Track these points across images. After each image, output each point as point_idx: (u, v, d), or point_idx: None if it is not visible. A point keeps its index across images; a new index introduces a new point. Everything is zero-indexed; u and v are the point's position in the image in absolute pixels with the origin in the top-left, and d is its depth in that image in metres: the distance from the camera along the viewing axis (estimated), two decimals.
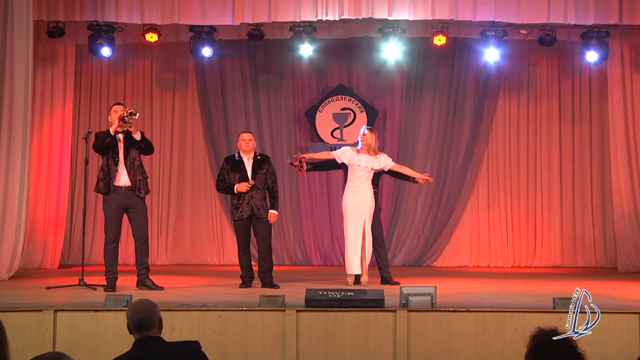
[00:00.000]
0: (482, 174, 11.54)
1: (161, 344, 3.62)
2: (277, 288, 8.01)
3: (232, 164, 8.34)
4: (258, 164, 8.31)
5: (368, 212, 8.38)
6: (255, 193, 8.21)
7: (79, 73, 11.13)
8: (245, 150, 8.33)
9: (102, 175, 7.77)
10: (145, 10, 9.23)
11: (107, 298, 6.33)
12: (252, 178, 8.23)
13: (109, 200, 7.77)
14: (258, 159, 8.36)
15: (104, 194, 7.81)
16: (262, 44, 10.78)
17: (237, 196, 8.23)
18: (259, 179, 8.25)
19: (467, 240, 11.51)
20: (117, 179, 7.73)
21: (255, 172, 8.27)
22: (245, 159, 8.32)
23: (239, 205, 8.22)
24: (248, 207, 8.18)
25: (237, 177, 8.25)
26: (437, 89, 11.55)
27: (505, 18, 9.43)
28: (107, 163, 7.76)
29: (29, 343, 5.85)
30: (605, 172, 11.21)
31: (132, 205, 7.78)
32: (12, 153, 9.02)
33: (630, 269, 10.40)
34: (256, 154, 8.39)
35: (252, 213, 8.19)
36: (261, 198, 8.24)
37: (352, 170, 8.41)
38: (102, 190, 7.78)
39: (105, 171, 7.76)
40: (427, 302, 6.17)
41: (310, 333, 6.06)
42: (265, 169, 8.30)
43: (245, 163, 8.30)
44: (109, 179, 7.72)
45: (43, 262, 10.43)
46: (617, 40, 10.49)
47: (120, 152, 7.75)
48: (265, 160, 8.40)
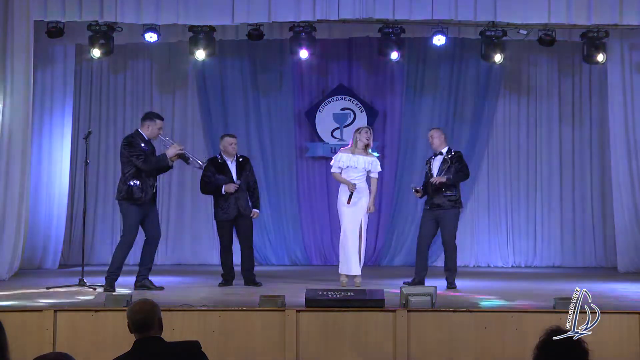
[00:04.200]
0: (482, 173, 11.54)
1: (161, 344, 3.63)
2: (260, 286, 8.21)
3: (217, 166, 8.54)
4: (241, 166, 8.54)
5: (364, 212, 8.36)
6: (241, 194, 8.43)
7: (79, 73, 11.13)
8: (231, 154, 8.51)
9: (139, 184, 7.75)
10: (145, 10, 9.22)
11: (107, 298, 6.35)
12: (238, 179, 8.42)
13: (136, 208, 7.78)
14: (240, 160, 8.58)
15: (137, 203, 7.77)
16: (262, 44, 10.76)
17: (223, 197, 8.38)
18: (244, 180, 8.46)
19: (467, 240, 11.50)
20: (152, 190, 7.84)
21: (239, 173, 8.48)
22: (228, 161, 8.53)
23: (225, 206, 8.41)
24: (234, 208, 8.38)
25: (223, 179, 8.45)
26: (437, 89, 11.54)
27: (505, 18, 9.42)
28: (145, 175, 7.80)
29: (29, 343, 5.85)
30: (605, 172, 11.20)
31: (150, 210, 7.91)
32: (12, 153, 9.03)
33: (630, 269, 10.39)
34: (237, 156, 8.60)
35: (239, 213, 8.38)
36: (245, 198, 8.49)
37: (347, 171, 8.38)
38: (139, 199, 7.74)
39: (144, 182, 7.78)
40: (427, 302, 6.17)
41: (310, 333, 6.06)
42: (247, 170, 8.55)
43: (230, 165, 8.50)
44: (146, 189, 7.77)
45: (43, 262, 10.43)
46: (617, 41, 10.47)
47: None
48: (246, 162, 8.65)
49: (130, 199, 7.74)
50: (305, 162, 11.63)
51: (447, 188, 8.35)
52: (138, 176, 7.75)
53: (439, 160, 8.50)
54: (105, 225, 11.27)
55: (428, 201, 8.48)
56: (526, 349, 3.46)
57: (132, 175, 7.75)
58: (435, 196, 8.36)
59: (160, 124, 8.01)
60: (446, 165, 8.41)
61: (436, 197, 8.36)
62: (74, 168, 11.08)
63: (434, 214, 8.39)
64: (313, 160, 11.62)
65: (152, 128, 7.91)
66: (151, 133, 7.92)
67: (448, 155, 8.48)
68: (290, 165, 11.60)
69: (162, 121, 8.12)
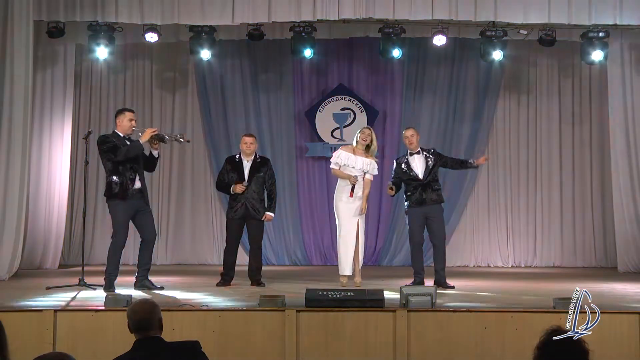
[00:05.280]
0: (482, 174, 11.54)
1: (161, 344, 3.63)
2: (263, 286, 8.17)
3: (232, 165, 8.49)
4: (256, 167, 8.44)
5: (360, 213, 8.33)
6: (252, 195, 8.33)
7: (79, 73, 11.13)
8: (247, 153, 8.43)
9: (119, 180, 7.69)
10: (145, 10, 9.23)
11: (107, 298, 6.34)
12: (248, 180, 8.35)
13: (121, 205, 7.72)
14: (257, 161, 8.49)
15: (120, 199, 7.73)
16: (262, 44, 10.77)
17: (234, 196, 8.36)
18: (256, 181, 8.37)
19: (467, 240, 11.51)
20: (132, 184, 7.74)
21: (252, 174, 8.39)
22: (245, 160, 8.45)
23: (234, 205, 8.37)
24: (243, 208, 8.32)
25: (234, 177, 8.38)
26: (437, 89, 11.55)
27: (505, 18, 9.43)
28: (123, 169, 7.73)
29: (29, 343, 5.84)
30: (605, 172, 11.21)
31: (141, 209, 7.84)
32: (12, 153, 9.03)
33: (630, 269, 10.40)
34: (256, 156, 8.50)
35: (247, 213, 8.32)
36: (258, 200, 8.37)
37: (344, 169, 8.35)
38: (119, 195, 7.69)
39: (123, 176, 7.71)
40: (427, 302, 6.17)
41: (310, 333, 6.06)
42: (263, 172, 8.43)
43: (245, 165, 8.43)
44: (125, 184, 7.72)
45: (43, 262, 10.44)
46: (617, 41, 10.48)
47: (141, 161, 7.85)
48: (264, 163, 8.53)
49: (112, 196, 7.70)
50: (305, 162, 11.64)
51: (435, 182, 8.35)
52: (116, 171, 7.70)
53: (419, 160, 8.40)
54: (105, 225, 11.21)
55: (415, 199, 8.35)
56: (526, 349, 3.45)
57: (110, 171, 7.72)
58: (426, 192, 8.30)
59: (129, 115, 7.86)
60: (432, 162, 8.38)
61: (426, 193, 8.29)
62: (74, 168, 11.09)
63: (423, 211, 8.29)
64: (313, 160, 11.63)
65: (123, 122, 7.81)
66: (123, 127, 7.80)
67: (429, 154, 8.44)
68: (290, 165, 11.61)
69: (132, 112, 7.94)
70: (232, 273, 8.38)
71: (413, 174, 8.34)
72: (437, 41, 10.13)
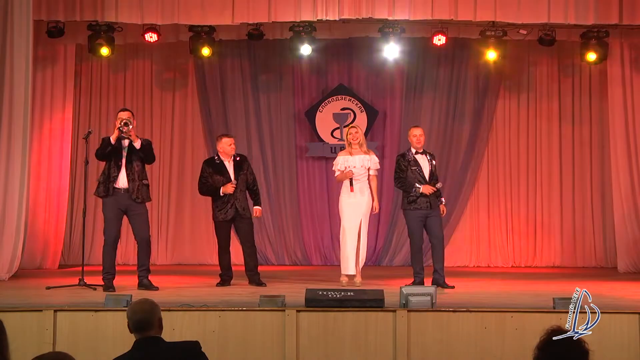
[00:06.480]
0: (482, 174, 11.54)
1: (161, 344, 3.62)
2: (265, 286, 8.17)
3: (214, 167, 8.50)
4: (238, 165, 8.50)
5: (365, 212, 8.36)
6: (239, 194, 8.39)
7: (79, 73, 11.12)
8: (228, 154, 8.43)
9: (102, 179, 7.87)
10: (145, 10, 9.24)
11: (107, 298, 6.34)
12: (235, 179, 8.38)
13: (107, 203, 7.84)
14: (237, 160, 8.53)
15: (103, 197, 7.85)
16: (262, 44, 10.77)
17: (221, 198, 8.36)
18: (241, 180, 8.42)
19: (467, 240, 11.51)
20: (116, 182, 7.79)
21: (237, 173, 8.44)
22: (225, 161, 8.48)
23: (223, 206, 8.36)
24: (232, 209, 8.34)
25: (220, 179, 8.39)
26: (437, 89, 11.54)
27: (505, 18, 9.43)
28: (108, 167, 7.85)
29: (29, 343, 5.84)
30: (605, 172, 11.21)
31: (131, 209, 7.85)
32: (12, 153, 9.02)
33: (630, 269, 10.40)
34: (234, 155, 8.54)
35: (237, 214, 8.35)
36: (244, 198, 8.45)
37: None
38: (101, 193, 7.86)
39: (105, 175, 7.85)
40: (427, 302, 6.16)
41: (310, 333, 6.06)
42: (245, 169, 8.49)
43: (227, 165, 8.46)
44: (108, 182, 7.78)
45: (43, 262, 10.43)
46: (617, 40, 10.48)
47: (123, 157, 7.81)
48: (244, 161, 8.60)
49: (99, 195, 7.87)
50: (305, 162, 11.63)
51: (436, 183, 8.37)
52: (103, 171, 7.90)
53: (423, 160, 8.40)
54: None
55: (417, 200, 8.33)
56: (526, 349, 3.45)
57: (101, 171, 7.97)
58: (429, 194, 8.29)
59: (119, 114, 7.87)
60: (434, 164, 8.41)
61: (430, 195, 8.29)
62: (74, 168, 11.09)
63: (423, 213, 8.28)
64: (313, 160, 11.63)
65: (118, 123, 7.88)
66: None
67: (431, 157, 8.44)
68: (290, 165, 11.61)
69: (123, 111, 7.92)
70: (231, 273, 8.40)
71: (421, 173, 8.33)
72: (437, 41, 10.13)
